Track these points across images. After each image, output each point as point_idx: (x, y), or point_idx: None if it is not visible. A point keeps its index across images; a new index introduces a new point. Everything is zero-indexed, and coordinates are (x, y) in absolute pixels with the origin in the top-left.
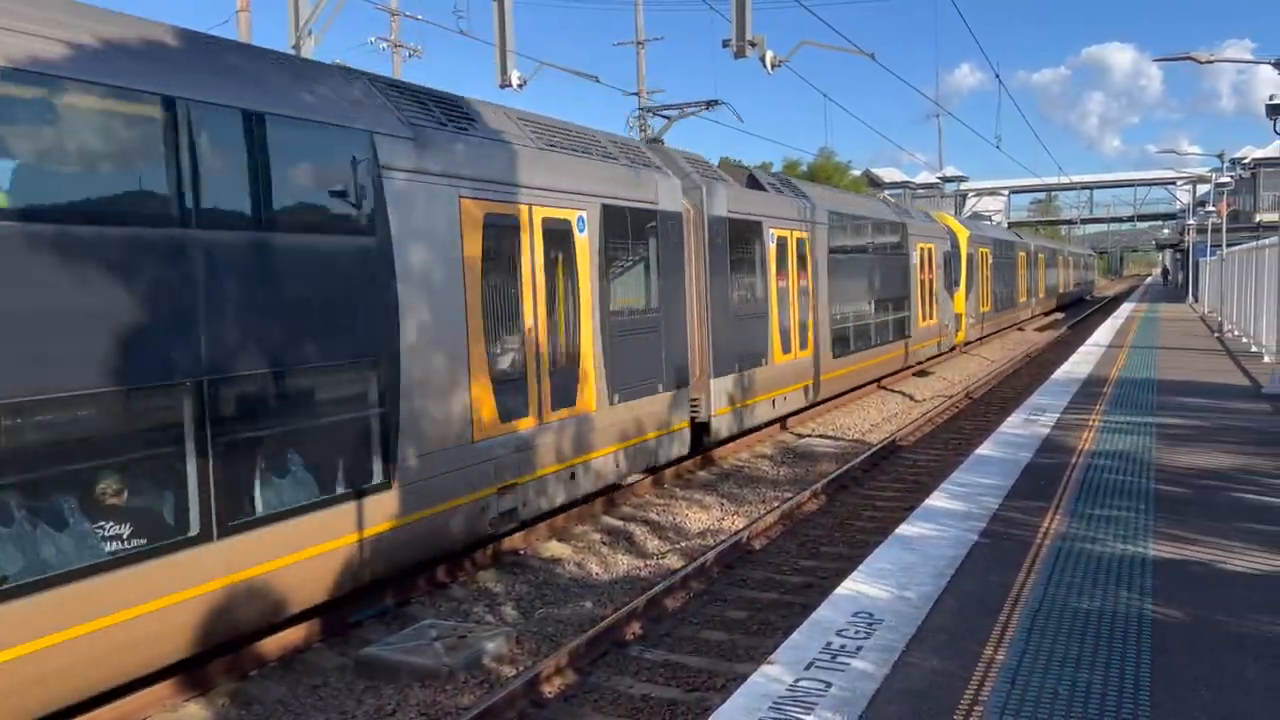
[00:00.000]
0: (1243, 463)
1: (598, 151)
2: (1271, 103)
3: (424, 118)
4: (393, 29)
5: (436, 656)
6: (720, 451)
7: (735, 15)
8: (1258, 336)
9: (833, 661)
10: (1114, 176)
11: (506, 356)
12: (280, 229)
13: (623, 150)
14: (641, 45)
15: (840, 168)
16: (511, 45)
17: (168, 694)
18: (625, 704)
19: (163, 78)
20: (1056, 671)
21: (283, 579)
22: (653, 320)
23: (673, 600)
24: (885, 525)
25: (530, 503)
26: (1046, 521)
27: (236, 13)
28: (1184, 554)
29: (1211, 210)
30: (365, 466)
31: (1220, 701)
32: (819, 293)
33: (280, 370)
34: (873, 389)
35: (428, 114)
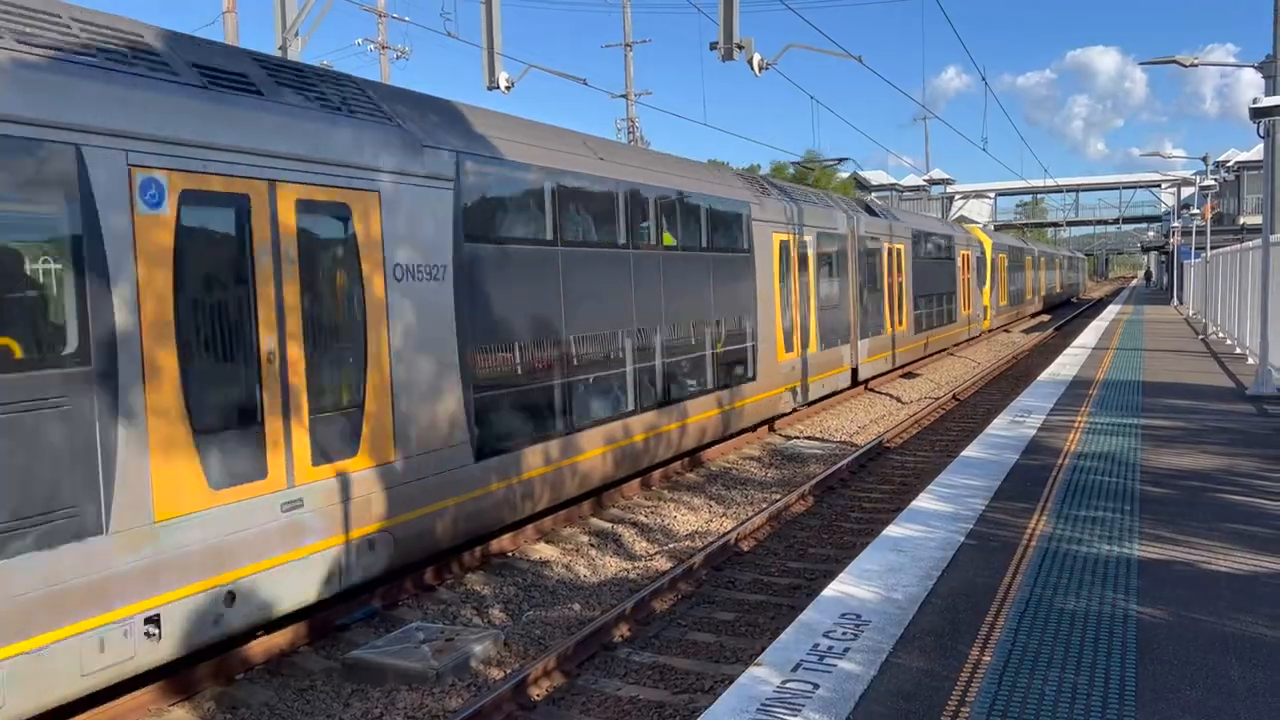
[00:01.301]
0: (1227, 464)
1: (820, 201)
2: (1254, 106)
3: (755, 190)
4: (380, 31)
5: (424, 659)
6: (707, 454)
7: (722, 18)
8: (1241, 339)
9: (820, 663)
10: (1099, 179)
11: (787, 317)
12: (714, 250)
13: (820, 197)
14: (630, 48)
15: (828, 171)
16: (499, 47)
17: (152, 699)
18: (613, 706)
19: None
20: (1043, 672)
21: (711, 421)
22: (839, 302)
23: (661, 602)
24: (872, 527)
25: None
26: (1032, 523)
27: (223, 14)
28: (1169, 554)
29: (1196, 213)
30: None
31: (1205, 701)
32: (907, 287)
33: (701, 322)
34: (859, 391)
35: (760, 188)
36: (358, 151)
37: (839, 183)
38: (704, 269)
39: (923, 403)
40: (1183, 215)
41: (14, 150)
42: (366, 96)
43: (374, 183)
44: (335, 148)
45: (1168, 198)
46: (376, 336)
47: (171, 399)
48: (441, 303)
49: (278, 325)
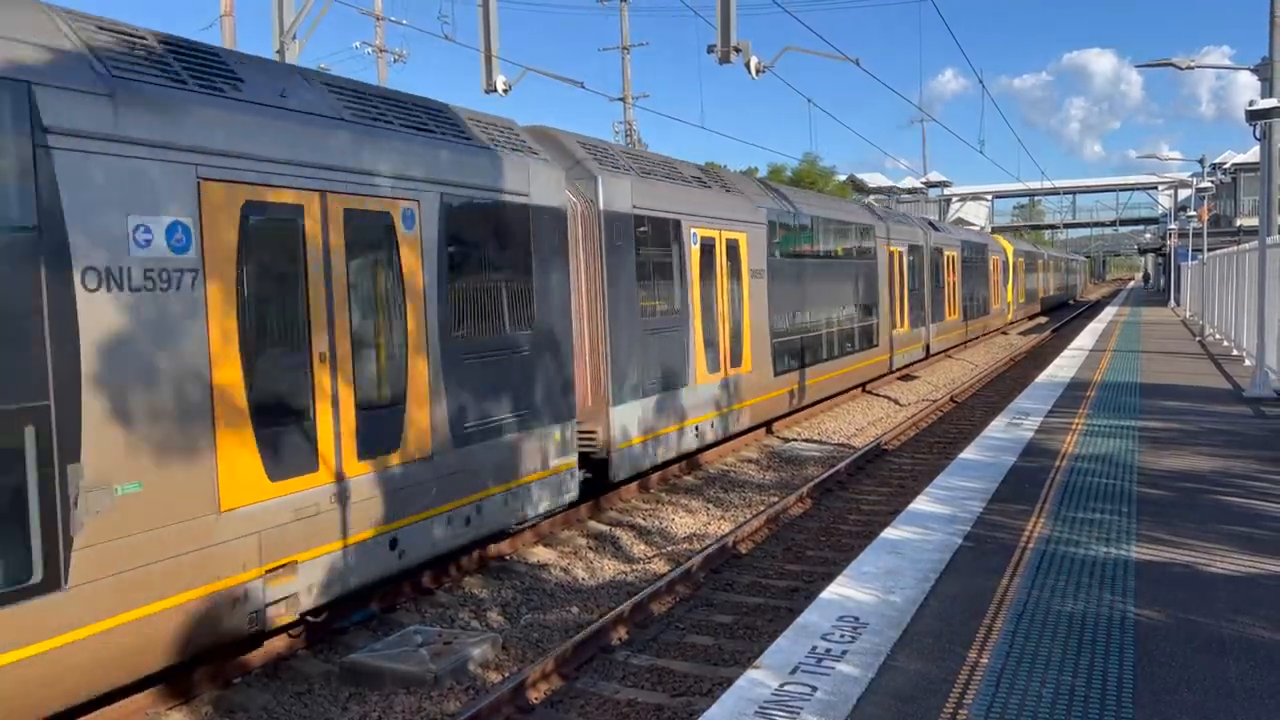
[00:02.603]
0: (1224, 465)
1: (908, 221)
2: (1251, 108)
3: (876, 216)
4: (378, 34)
5: (422, 663)
6: (706, 456)
7: (720, 21)
8: (1239, 340)
9: (818, 665)
10: (1096, 181)
11: (895, 304)
12: (851, 258)
13: (905, 217)
14: (627, 51)
15: (825, 173)
16: (496, 50)
17: (150, 702)
18: (611, 709)
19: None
20: (1040, 674)
21: (864, 369)
22: (919, 295)
23: (659, 605)
24: (870, 529)
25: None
26: (1030, 525)
27: (220, 17)
28: (1166, 556)
29: (1193, 215)
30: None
31: (1203, 703)
32: (958, 285)
33: (839, 313)
34: (857, 393)
35: (877, 214)
36: None
37: (836, 185)
38: (858, 270)
39: (920, 405)
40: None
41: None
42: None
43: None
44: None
45: (1165, 200)
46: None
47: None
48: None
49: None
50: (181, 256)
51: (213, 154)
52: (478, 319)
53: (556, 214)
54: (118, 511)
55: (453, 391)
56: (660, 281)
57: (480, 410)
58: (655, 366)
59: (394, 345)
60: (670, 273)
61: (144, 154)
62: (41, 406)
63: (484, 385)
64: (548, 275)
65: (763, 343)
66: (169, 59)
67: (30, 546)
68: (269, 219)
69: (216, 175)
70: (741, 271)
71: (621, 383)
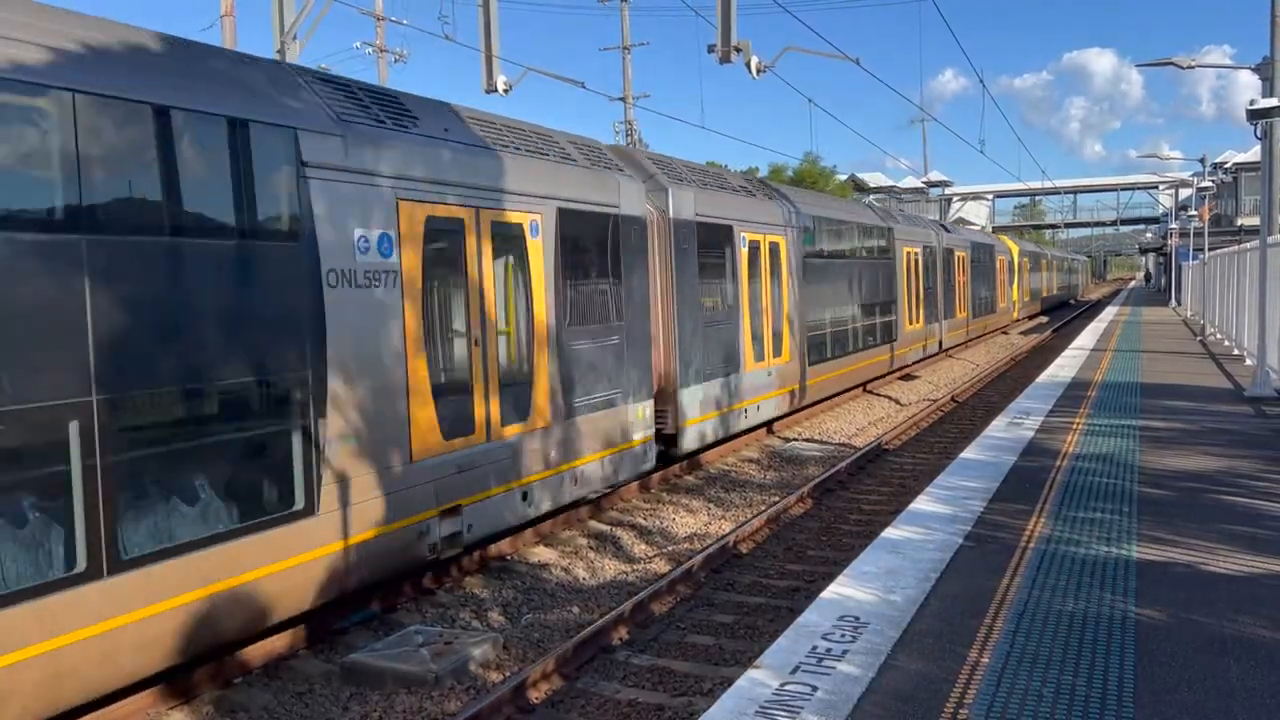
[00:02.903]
0: (1225, 465)
1: (922, 224)
2: (1252, 108)
3: (893, 219)
4: (378, 34)
5: (423, 663)
6: (707, 456)
7: (720, 21)
8: (1240, 340)
9: (819, 665)
10: (1097, 181)
11: (910, 301)
12: (873, 258)
13: (920, 220)
14: (628, 51)
15: (825, 172)
16: (497, 50)
17: (151, 702)
18: (612, 709)
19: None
20: (1041, 673)
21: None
22: (934, 293)
23: (660, 605)
24: (871, 529)
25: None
26: (1031, 524)
27: (221, 17)
28: (1167, 556)
29: (1194, 214)
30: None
31: (1203, 702)
32: (967, 284)
33: (863, 310)
34: (858, 393)
35: (893, 217)
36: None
37: (837, 185)
38: (879, 271)
39: (921, 404)
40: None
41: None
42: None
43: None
44: None
45: (1165, 199)
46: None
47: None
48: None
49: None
50: (387, 260)
51: (405, 179)
52: (583, 312)
53: (639, 222)
54: (347, 458)
55: (565, 373)
56: (717, 280)
57: (584, 389)
58: (713, 355)
59: (525, 333)
60: (724, 272)
61: (363, 181)
62: (304, 375)
63: (587, 368)
64: (633, 275)
65: (798, 336)
66: (370, 103)
67: (297, 483)
68: (442, 230)
69: (408, 196)
70: (782, 271)
71: (687, 368)
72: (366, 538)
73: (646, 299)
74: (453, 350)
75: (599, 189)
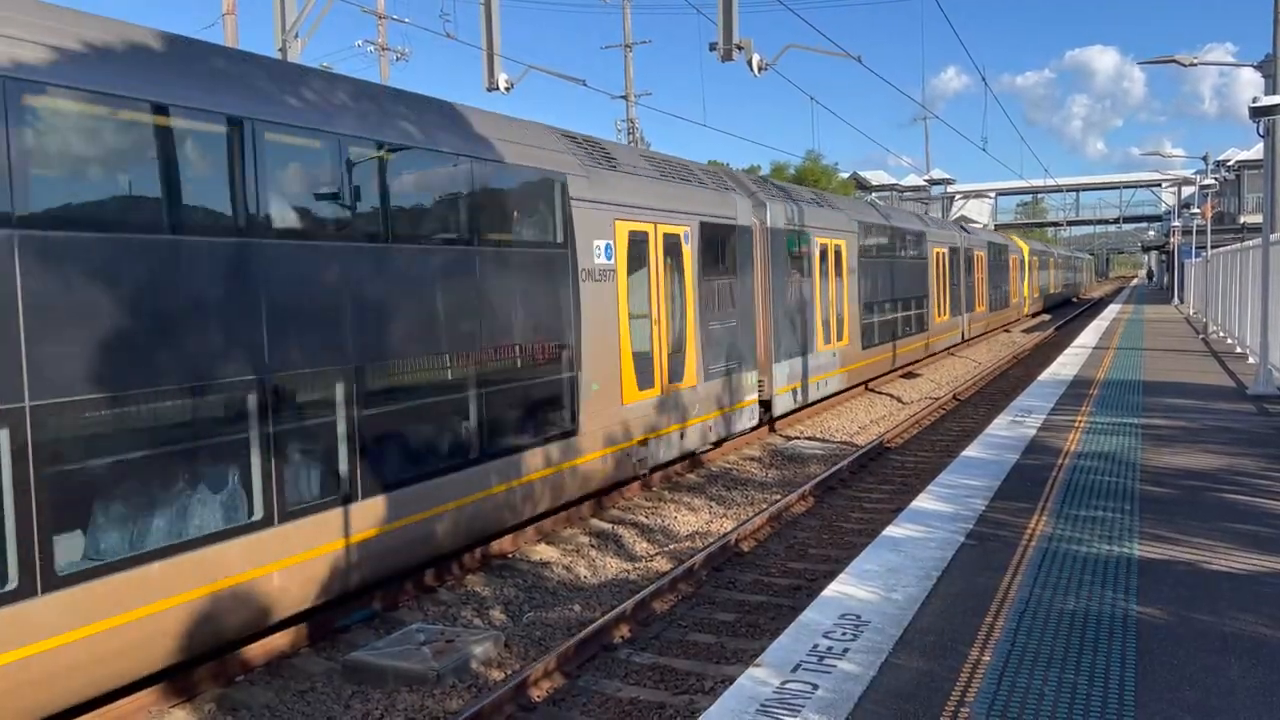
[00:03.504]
0: (1227, 463)
1: (948, 226)
2: (1254, 105)
3: (927, 222)
4: (380, 32)
5: (424, 661)
6: (709, 455)
7: (722, 19)
8: (1242, 338)
9: (820, 663)
10: (1100, 179)
11: (940, 296)
12: (911, 258)
13: (944, 223)
14: (629, 49)
15: (828, 171)
16: (499, 49)
17: (154, 699)
18: (613, 707)
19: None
20: (1042, 672)
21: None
22: (958, 288)
23: (661, 603)
24: (873, 527)
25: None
26: (1032, 523)
27: (223, 16)
28: (1169, 554)
29: (1196, 212)
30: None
31: (1204, 701)
32: (985, 281)
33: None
34: (860, 391)
35: (927, 221)
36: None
37: (838, 183)
38: (915, 269)
39: (923, 402)
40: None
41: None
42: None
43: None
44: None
45: (1168, 197)
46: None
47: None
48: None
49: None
50: (609, 262)
51: (617, 205)
52: (714, 300)
53: (748, 231)
54: (593, 398)
55: (703, 346)
56: (797, 277)
57: (716, 359)
58: (794, 338)
59: (681, 316)
60: (802, 270)
61: (597, 207)
62: (571, 339)
63: (717, 344)
64: (743, 272)
65: (855, 324)
66: (594, 151)
67: (571, 414)
68: (636, 241)
69: (619, 215)
70: (843, 269)
71: (778, 348)
72: (605, 453)
73: (752, 291)
74: (644, 326)
75: (723, 205)
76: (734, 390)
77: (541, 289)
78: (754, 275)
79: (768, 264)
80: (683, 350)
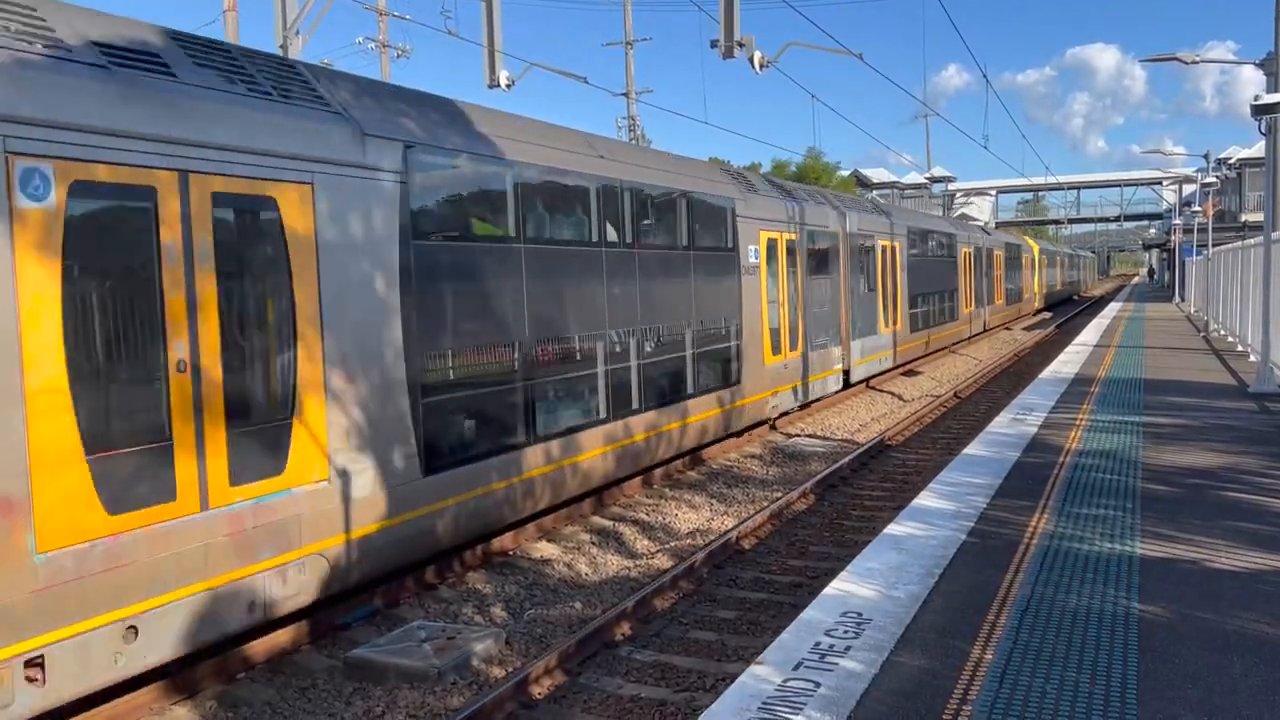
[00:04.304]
0: (1229, 461)
1: (970, 228)
2: (1256, 103)
3: (957, 225)
4: (381, 29)
5: (425, 658)
6: (709, 451)
7: (723, 16)
8: (1243, 336)
9: (821, 661)
10: (1101, 177)
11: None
12: (945, 257)
13: (966, 225)
14: (630, 46)
15: (829, 168)
16: (500, 45)
17: (154, 697)
18: (614, 705)
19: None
20: (1044, 670)
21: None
22: (978, 284)
23: (662, 600)
24: (874, 525)
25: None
26: (1034, 520)
27: (224, 12)
28: (1171, 552)
29: (1197, 210)
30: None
31: (1207, 699)
32: (1002, 277)
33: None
34: (861, 389)
35: (955, 225)
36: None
37: (839, 180)
38: (948, 267)
39: (924, 400)
40: (1184, 212)
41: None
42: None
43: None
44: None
45: (1169, 195)
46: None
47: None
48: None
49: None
50: (756, 262)
51: (761, 218)
52: (815, 290)
53: (836, 236)
54: (747, 360)
55: (810, 325)
56: (865, 272)
57: (816, 336)
58: (864, 320)
59: (795, 301)
60: (870, 267)
61: (750, 220)
62: (739, 319)
63: (817, 324)
64: (833, 269)
65: (905, 312)
66: (743, 179)
67: (737, 370)
68: (771, 245)
69: (762, 227)
70: (896, 266)
71: (854, 328)
72: (755, 400)
73: (837, 283)
74: (775, 309)
75: (821, 217)
76: (827, 360)
77: (724, 281)
78: (839, 271)
79: (847, 262)
80: (797, 328)
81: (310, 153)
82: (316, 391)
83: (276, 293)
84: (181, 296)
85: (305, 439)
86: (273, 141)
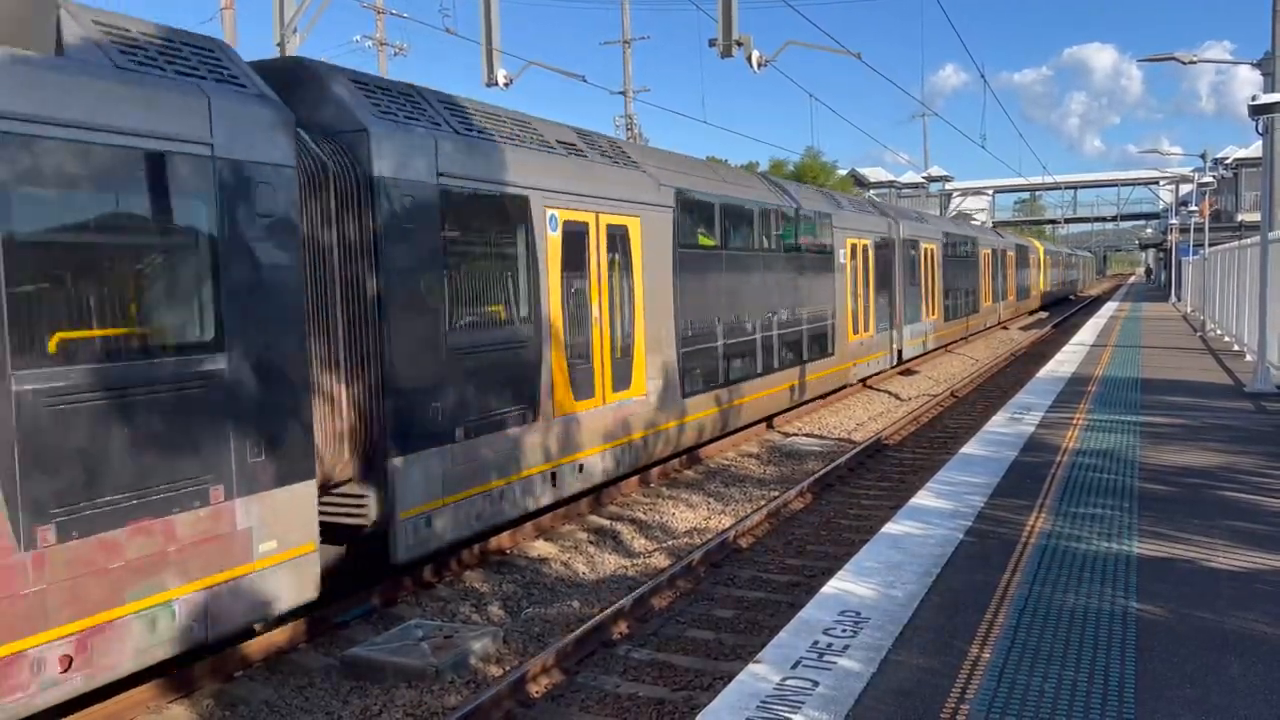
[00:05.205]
0: (1226, 461)
1: (988, 232)
2: (1253, 103)
3: (982, 231)
4: (378, 27)
5: (423, 657)
6: (706, 450)
7: (721, 14)
8: (1240, 335)
9: (820, 660)
10: (1098, 176)
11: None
12: (969, 258)
13: (983, 229)
14: (628, 45)
15: (826, 168)
16: (498, 44)
17: (151, 695)
18: (612, 703)
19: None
20: (1042, 669)
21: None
22: (995, 282)
23: (660, 599)
24: (872, 524)
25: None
26: (1032, 520)
27: (220, 10)
28: (1168, 552)
29: (1194, 210)
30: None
31: (1205, 699)
32: (1014, 276)
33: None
34: (859, 388)
35: (984, 231)
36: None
37: (837, 180)
38: (971, 266)
39: (921, 400)
40: (1181, 212)
41: None
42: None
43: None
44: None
45: (1166, 195)
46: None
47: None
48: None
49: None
50: (843, 262)
51: (846, 229)
52: (878, 283)
53: (892, 241)
54: (838, 336)
55: (875, 312)
56: (913, 270)
57: (879, 319)
58: (911, 309)
59: (866, 292)
60: (916, 265)
61: (842, 228)
62: (835, 304)
63: (879, 310)
64: (890, 267)
65: (940, 303)
66: (833, 196)
67: (832, 341)
68: (851, 249)
69: (847, 235)
70: (934, 266)
71: (905, 316)
72: (842, 368)
73: (893, 278)
74: (854, 298)
75: (882, 225)
76: (885, 342)
77: (825, 276)
78: (895, 268)
79: (900, 262)
80: (870, 314)
81: (639, 198)
82: (640, 343)
83: (626, 284)
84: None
85: (640, 370)
86: (628, 193)
